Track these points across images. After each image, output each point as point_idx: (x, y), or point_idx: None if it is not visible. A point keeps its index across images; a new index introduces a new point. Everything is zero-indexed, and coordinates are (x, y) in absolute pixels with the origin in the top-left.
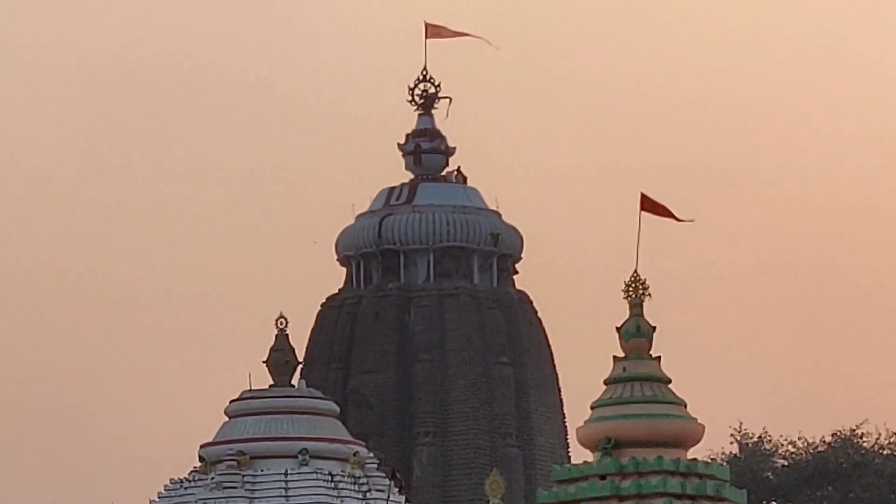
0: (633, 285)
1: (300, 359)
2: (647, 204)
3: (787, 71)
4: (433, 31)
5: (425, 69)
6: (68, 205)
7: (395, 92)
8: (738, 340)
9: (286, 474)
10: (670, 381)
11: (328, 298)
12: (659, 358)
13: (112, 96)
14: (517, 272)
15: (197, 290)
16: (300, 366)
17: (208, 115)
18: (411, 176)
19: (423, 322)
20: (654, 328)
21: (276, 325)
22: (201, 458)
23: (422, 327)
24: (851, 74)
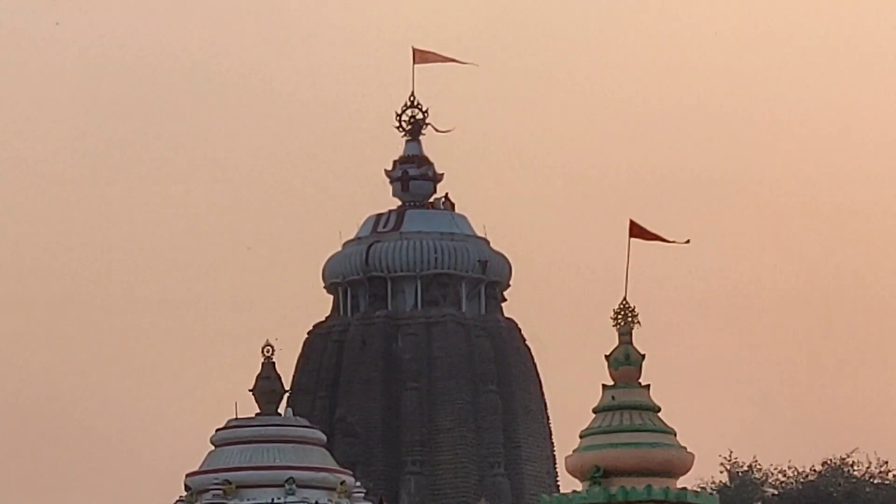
0: (622, 313)
1: (287, 387)
2: (636, 230)
3: (780, 94)
4: (421, 56)
5: (413, 95)
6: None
7: (382, 118)
8: (728, 369)
9: (273, 503)
10: (660, 409)
11: (315, 326)
12: (648, 386)
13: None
14: (505, 300)
15: (183, 318)
16: (287, 394)
17: (196, 143)
18: (399, 203)
19: (410, 350)
20: (643, 356)
21: (262, 352)
22: (187, 488)
23: (409, 355)
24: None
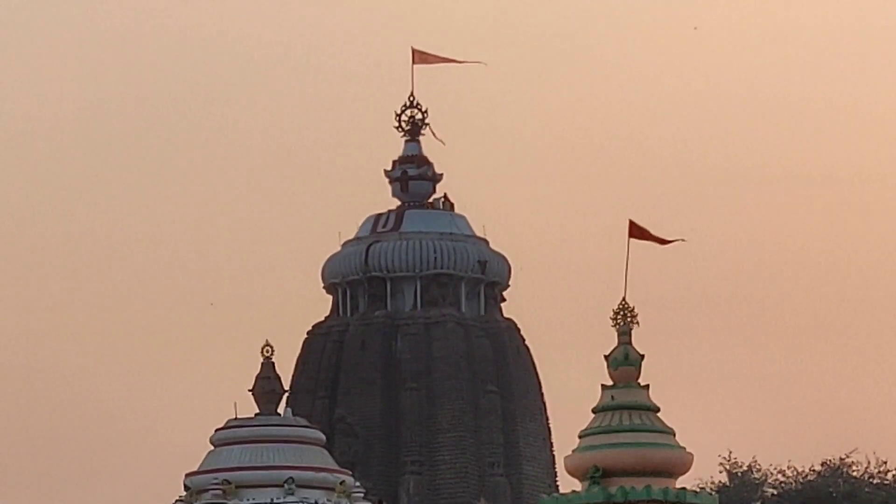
0: (621, 313)
1: (286, 387)
2: (636, 231)
3: (782, 92)
4: (420, 57)
5: (412, 95)
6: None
7: (381, 118)
8: (727, 369)
9: (272, 503)
10: (659, 409)
11: (314, 326)
12: (647, 386)
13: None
14: (505, 300)
15: (183, 318)
16: (286, 394)
17: (195, 143)
18: (398, 203)
19: (409, 350)
20: (642, 356)
21: (261, 353)
22: (186, 487)
23: (409, 355)
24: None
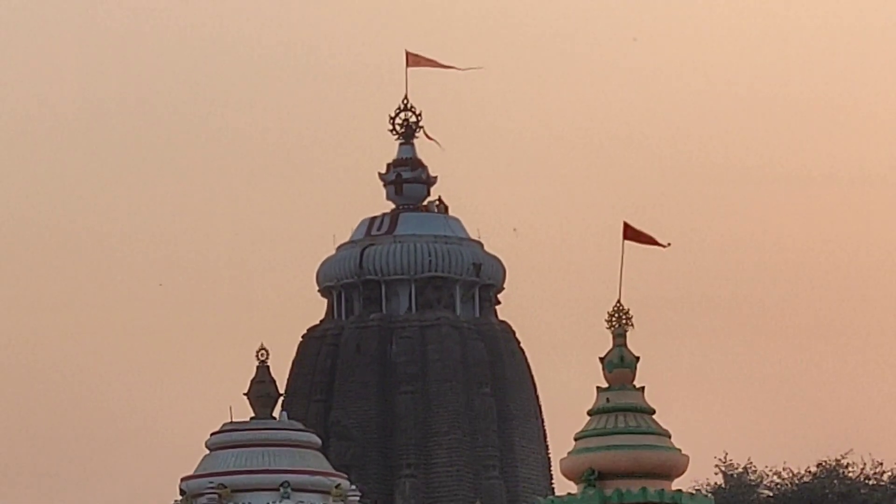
0: (616, 315)
1: (281, 391)
2: (630, 232)
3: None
4: (414, 60)
5: (406, 98)
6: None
7: (375, 121)
8: (723, 371)
9: None
10: (654, 411)
11: (309, 330)
12: (643, 388)
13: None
14: (499, 302)
15: (177, 322)
16: (281, 398)
17: (190, 145)
18: (392, 206)
19: (405, 353)
20: (637, 358)
21: (257, 356)
22: (182, 492)
23: (404, 358)
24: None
